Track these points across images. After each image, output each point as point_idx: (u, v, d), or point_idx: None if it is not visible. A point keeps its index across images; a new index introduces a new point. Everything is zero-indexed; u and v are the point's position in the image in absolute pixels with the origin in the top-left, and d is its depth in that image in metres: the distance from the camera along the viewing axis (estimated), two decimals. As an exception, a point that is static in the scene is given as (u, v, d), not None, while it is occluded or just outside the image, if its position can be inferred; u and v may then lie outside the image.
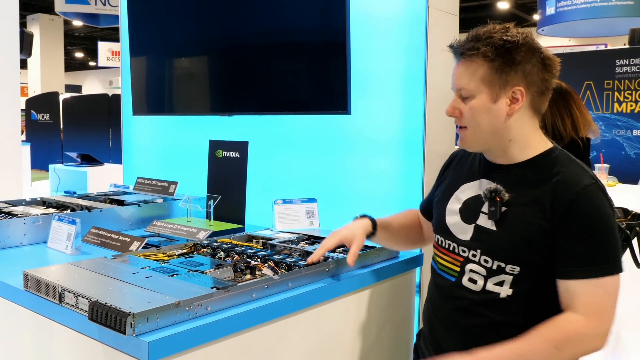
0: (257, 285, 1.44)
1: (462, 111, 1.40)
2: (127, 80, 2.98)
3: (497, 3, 15.90)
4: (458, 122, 1.43)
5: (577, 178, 1.33)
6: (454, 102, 1.41)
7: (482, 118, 1.37)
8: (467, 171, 1.52)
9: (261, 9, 2.31)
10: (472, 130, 1.40)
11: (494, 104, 1.36)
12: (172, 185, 2.64)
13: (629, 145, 8.65)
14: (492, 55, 1.33)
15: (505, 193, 1.38)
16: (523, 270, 1.35)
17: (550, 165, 1.37)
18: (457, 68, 1.40)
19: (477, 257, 1.41)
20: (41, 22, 18.13)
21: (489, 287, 1.39)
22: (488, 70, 1.34)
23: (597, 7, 10.74)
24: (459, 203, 1.49)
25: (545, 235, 1.32)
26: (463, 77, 1.38)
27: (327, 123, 2.28)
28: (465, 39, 1.38)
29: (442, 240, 1.52)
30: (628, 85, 8.58)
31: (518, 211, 1.36)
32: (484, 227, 1.41)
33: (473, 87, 1.36)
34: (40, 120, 15.59)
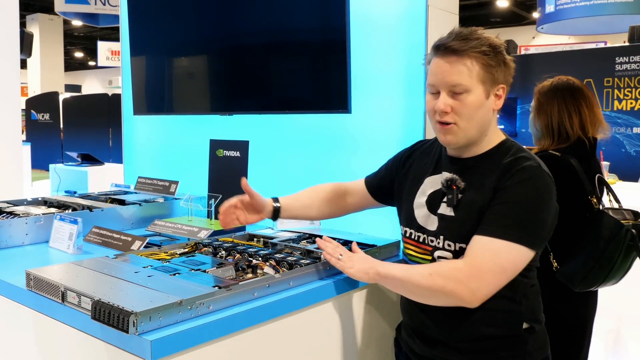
0: (258, 284, 1.45)
1: (453, 107, 1.44)
2: (127, 80, 2.98)
3: (497, 1, 15.89)
4: (447, 118, 1.45)
5: (522, 159, 1.44)
6: (446, 100, 1.44)
7: (476, 113, 1.44)
8: (430, 165, 1.61)
9: (261, 8, 2.31)
10: (464, 125, 1.45)
11: (486, 100, 1.45)
12: (173, 184, 2.64)
13: (629, 142, 8.65)
14: (489, 53, 1.41)
15: (461, 182, 1.48)
16: None
17: (501, 153, 1.48)
18: (448, 65, 1.42)
19: (441, 244, 1.51)
20: (41, 22, 18.13)
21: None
22: (483, 67, 1.42)
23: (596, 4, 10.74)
24: (425, 196, 1.57)
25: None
26: (457, 74, 1.41)
27: (328, 122, 2.29)
28: (455, 37, 1.42)
29: (411, 232, 1.60)
30: (628, 83, 8.58)
31: (470, 196, 1.47)
32: (444, 214, 1.51)
33: (469, 83, 1.41)
34: (40, 120, 15.59)
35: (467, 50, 1.40)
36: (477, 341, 1.47)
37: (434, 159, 1.61)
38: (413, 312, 1.58)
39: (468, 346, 1.48)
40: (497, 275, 1.37)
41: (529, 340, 1.48)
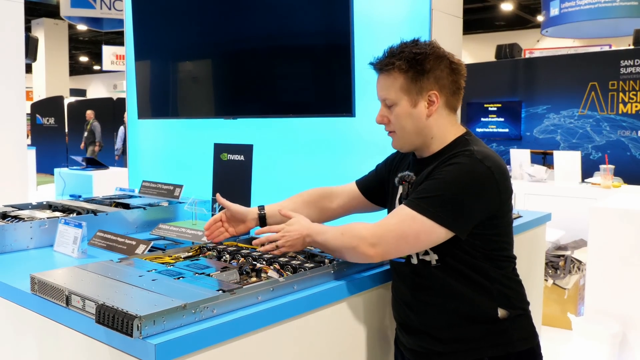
0: (262, 288, 1.44)
1: (389, 118, 1.59)
2: (132, 84, 2.99)
3: (501, 4, 15.89)
4: (387, 127, 1.62)
5: (464, 151, 1.51)
6: (382, 111, 1.61)
7: (406, 122, 1.57)
8: (404, 167, 1.72)
9: (265, 13, 2.32)
10: (399, 133, 1.60)
11: (414, 109, 1.56)
12: (178, 188, 2.65)
13: (634, 146, 8.62)
14: (405, 67, 1.53)
15: (412, 176, 1.61)
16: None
17: (452, 148, 1.57)
18: (378, 81, 1.60)
19: None
20: (46, 26, 18.23)
21: (421, 257, 1.57)
22: (404, 80, 1.54)
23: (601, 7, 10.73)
24: (398, 193, 1.69)
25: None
26: (384, 89, 1.58)
27: (332, 125, 2.29)
28: (383, 56, 1.58)
29: None
30: (633, 86, 8.55)
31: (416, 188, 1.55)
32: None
33: (394, 96, 1.56)
34: (45, 124, 15.67)
35: (387, 67, 1.55)
36: (456, 328, 1.54)
37: (408, 162, 1.72)
38: (397, 305, 1.67)
39: (449, 335, 1.55)
40: (398, 239, 1.49)
41: (509, 329, 1.53)
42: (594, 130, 9.04)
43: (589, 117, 9.03)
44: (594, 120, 8.98)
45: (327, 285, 1.59)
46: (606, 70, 8.78)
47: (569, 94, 9.27)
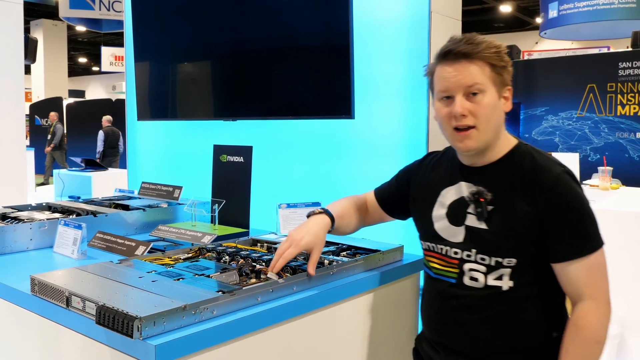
0: (262, 289, 1.45)
1: (471, 110, 1.43)
2: (131, 86, 2.99)
3: (500, 6, 15.91)
4: (464, 122, 1.44)
5: (548, 167, 1.44)
6: (463, 102, 1.43)
7: (492, 114, 1.45)
8: (444, 177, 1.59)
9: (265, 14, 2.32)
10: (483, 128, 1.45)
11: (498, 101, 1.46)
12: (177, 189, 2.65)
13: (632, 148, 8.64)
14: (493, 56, 1.44)
15: (487, 193, 1.47)
16: (519, 260, 1.44)
17: (521, 159, 1.48)
18: (461, 68, 1.43)
19: (472, 257, 1.49)
20: (45, 27, 18.23)
21: (490, 282, 1.46)
22: (492, 69, 1.44)
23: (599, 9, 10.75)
24: (444, 208, 1.56)
25: (533, 223, 1.41)
26: (471, 75, 1.42)
27: (331, 127, 2.29)
28: (463, 42, 1.44)
29: (433, 246, 1.59)
30: (631, 88, 8.57)
31: (504, 207, 1.45)
32: (474, 227, 1.49)
33: (486, 82, 1.43)
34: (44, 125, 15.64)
35: (477, 52, 1.42)
36: (505, 354, 1.47)
37: (448, 169, 1.60)
38: (438, 324, 1.57)
39: (498, 358, 1.48)
40: (607, 278, 1.43)
41: (554, 349, 1.46)
42: (592, 132, 9.06)
43: (588, 119, 9.04)
44: (592, 122, 9.00)
45: (326, 286, 1.59)
46: (604, 72, 8.79)
47: (568, 96, 9.28)
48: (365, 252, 1.87)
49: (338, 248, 1.92)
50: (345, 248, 1.93)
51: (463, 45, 1.43)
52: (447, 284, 1.53)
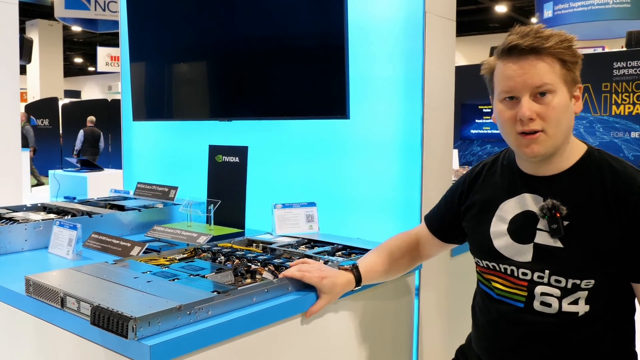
0: (257, 289, 1.45)
1: (538, 112, 1.28)
2: (127, 86, 2.99)
3: (495, 6, 15.94)
4: (532, 126, 1.29)
5: (632, 177, 1.28)
6: (530, 105, 1.28)
7: (563, 117, 1.29)
8: (501, 188, 1.44)
9: (260, 15, 2.33)
10: (553, 131, 1.29)
11: (570, 101, 1.31)
12: (172, 190, 2.65)
13: (627, 147, 8.67)
14: (563, 52, 1.28)
15: (562, 207, 1.31)
16: (598, 282, 1.29)
17: (597, 167, 1.32)
18: (528, 66, 1.28)
19: (545, 279, 1.34)
20: (40, 27, 18.18)
21: (565, 308, 1.32)
22: (561, 67, 1.29)
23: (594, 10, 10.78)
24: (505, 223, 1.41)
25: (616, 240, 1.27)
26: (539, 74, 1.27)
27: (326, 127, 2.30)
28: (531, 36, 1.28)
29: (494, 265, 1.43)
30: (626, 88, 8.60)
31: (582, 222, 1.30)
32: (546, 245, 1.33)
33: (557, 82, 1.28)
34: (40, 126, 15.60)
35: (547, 47, 1.26)
36: None
37: (506, 179, 1.44)
38: (501, 351, 1.44)
39: None
40: None
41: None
42: (587, 131, 9.08)
43: (583, 118, 9.07)
44: (587, 122, 9.03)
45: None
46: (599, 72, 8.82)
47: (563, 96, 9.28)
48: (361, 251, 1.88)
49: (333, 248, 1.93)
50: (341, 248, 1.94)
51: (531, 39, 1.27)
52: (514, 307, 1.38)
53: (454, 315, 2.24)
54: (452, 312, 2.23)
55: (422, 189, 2.01)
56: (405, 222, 2.07)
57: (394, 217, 2.12)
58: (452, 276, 2.23)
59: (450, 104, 2.16)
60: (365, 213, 2.20)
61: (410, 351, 1.98)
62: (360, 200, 2.21)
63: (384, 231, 2.11)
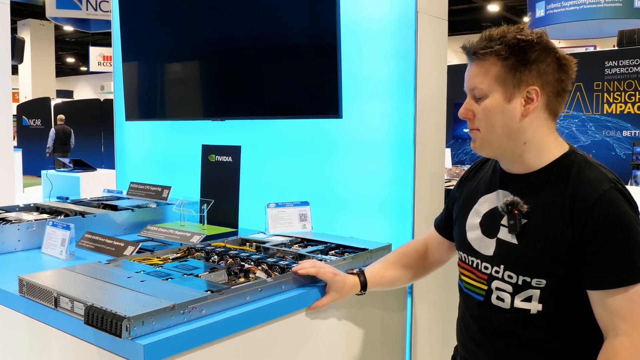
0: (250, 288, 1.46)
1: (475, 112, 1.36)
2: (119, 85, 2.99)
3: (487, 6, 15.99)
4: (470, 124, 1.38)
5: (595, 183, 1.28)
6: (467, 104, 1.37)
7: (496, 119, 1.33)
8: (484, 183, 1.48)
9: (253, 14, 2.33)
10: (485, 132, 1.35)
11: (508, 104, 1.32)
12: (166, 190, 2.65)
13: (618, 145, 8.73)
14: (505, 53, 1.30)
15: (523, 205, 1.33)
16: (549, 282, 1.31)
17: (566, 170, 1.32)
18: (470, 69, 1.37)
19: (500, 274, 1.37)
20: (32, 27, 18.10)
21: (518, 304, 1.34)
22: (501, 69, 1.31)
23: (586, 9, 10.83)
24: (479, 217, 1.45)
25: (568, 245, 1.27)
26: (476, 77, 1.34)
27: (319, 127, 2.30)
28: (479, 40, 1.35)
29: (465, 257, 1.48)
30: (617, 87, 8.65)
31: (538, 222, 1.32)
32: (505, 240, 1.37)
33: (486, 86, 1.33)
34: (32, 126, 15.53)
35: (483, 51, 1.32)
36: None
37: (488, 175, 1.48)
38: (467, 342, 1.48)
39: None
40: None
41: None
42: (579, 130, 9.13)
43: (575, 117, 9.12)
44: (579, 121, 9.08)
45: (315, 285, 1.60)
46: (591, 71, 8.87)
47: (555, 95, 9.33)
48: (354, 250, 1.89)
49: (326, 247, 1.93)
50: (334, 247, 1.95)
51: (478, 42, 1.34)
52: (476, 302, 1.43)
53: (447, 318, 2.25)
54: (445, 314, 2.24)
55: (415, 188, 2.02)
56: (398, 221, 2.08)
57: (386, 216, 2.13)
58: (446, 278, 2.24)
59: (443, 102, 2.17)
60: (358, 212, 2.20)
61: (403, 348, 1.99)
62: (353, 199, 2.22)
63: (377, 230, 2.12)
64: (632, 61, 8.59)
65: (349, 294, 1.60)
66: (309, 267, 1.57)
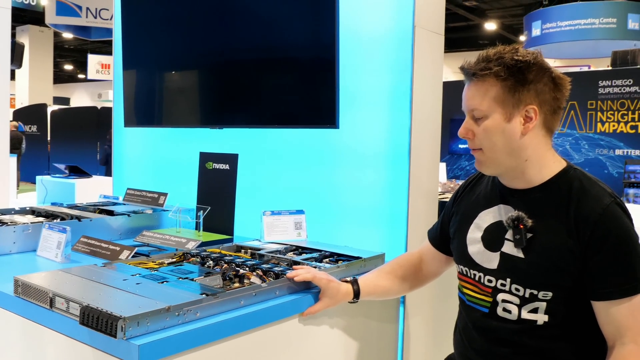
0: (245, 293, 1.47)
1: (475, 133, 1.40)
2: (119, 92, 3.01)
3: (485, 24, 16.15)
4: (471, 144, 1.42)
5: (597, 198, 1.33)
6: (467, 124, 1.41)
7: (497, 138, 1.37)
8: (483, 197, 1.52)
9: (253, 25, 2.36)
10: (488, 152, 1.40)
11: (507, 124, 1.36)
12: (162, 196, 2.66)
13: (611, 164, 8.79)
14: (504, 74, 1.34)
15: (528, 219, 1.38)
16: (556, 295, 1.35)
17: (568, 185, 1.37)
18: (468, 89, 1.41)
19: (507, 286, 1.40)
20: (31, 33, 18.12)
21: (525, 316, 1.38)
22: (500, 89, 1.36)
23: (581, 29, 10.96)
24: (480, 231, 1.48)
25: (574, 258, 1.32)
26: (475, 98, 1.38)
27: (316, 137, 2.33)
28: (476, 60, 1.39)
29: (466, 270, 1.51)
30: (610, 106, 8.74)
31: (544, 236, 1.36)
32: (510, 254, 1.40)
33: (486, 107, 1.37)
34: (28, 132, 15.50)
35: (482, 72, 1.36)
36: None
37: (487, 190, 1.52)
38: (472, 356, 1.49)
39: None
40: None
41: None
42: (573, 148, 9.20)
43: (569, 135, 9.19)
44: (573, 139, 9.16)
45: (309, 291, 1.61)
46: (585, 90, 8.96)
47: (549, 113, 9.42)
48: (348, 258, 1.90)
49: (321, 255, 1.95)
50: (328, 255, 1.96)
51: (475, 64, 1.38)
52: (481, 313, 1.46)
53: (439, 328, 2.26)
54: (437, 324, 2.25)
55: (409, 199, 2.04)
56: (391, 231, 2.11)
57: (381, 226, 2.15)
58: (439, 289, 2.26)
59: (438, 115, 2.21)
60: (353, 221, 2.23)
61: (395, 354, 2.00)
62: (348, 209, 2.24)
63: (371, 239, 2.14)
64: (625, 81, 8.69)
65: (342, 301, 1.62)
66: (303, 273, 1.58)
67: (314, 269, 1.65)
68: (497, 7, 15.30)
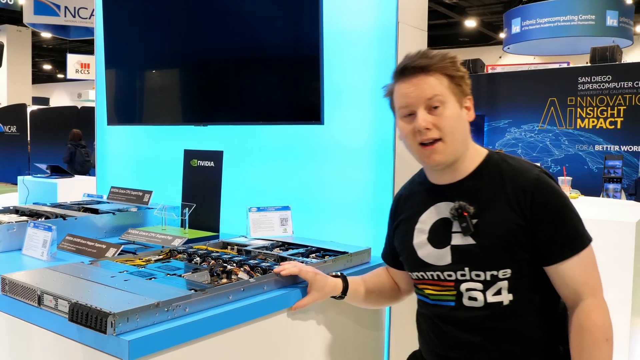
0: (233, 288, 1.48)
1: (435, 123, 1.41)
2: (101, 91, 2.99)
3: (465, 21, 16.28)
4: (430, 135, 1.41)
5: (527, 170, 1.43)
6: (424, 116, 1.41)
7: (457, 125, 1.43)
8: (418, 204, 1.56)
9: (236, 23, 2.37)
10: (449, 140, 1.42)
11: (461, 110, 1.45)
12: (147, 194, 2.65)
13: (591, 159, 8.93)
14: (450, 68, 1.44)
15: (469, 206, 1.43)
16: (514, 270, 1.40)
17: (497, 167, 1.46)
18: (414, 83, 1.42)
19: (467, 275, 1.44)
20: (8, 33, 17.87)
21: (490, 299, 1.42)
22: (449, 81, 1.44)
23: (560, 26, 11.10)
24: (425, 233, 1.51)
25: (522, 229, 1.39)
26: (430, 88, 1.41)
27: (301, 133, 2.34)
28: (422, 57, 1.43)
29: (422, 275, 1.53)
30: (590, 102, 8.87)
31: (489, 217, 1.41)
32: (461, 244, 1.44)
33: (446, 94, 1.42)
34: (7, 133, 15.28)
35: (433, 65, 1.42)
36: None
37: (421, 194, 1.56)
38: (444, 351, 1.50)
39: None
40: (600, 279, 1.41)
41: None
42: (553, 144, 9.33)
43: (549, 131, 9.31)
44: (553, 135, 9.28)
45: (296, 286, 1.63)
46: (565, 87, 9.09)
47: (530, 109, 9.56)
48: (334, 253, 1.92)
49: (307, 250, 1.96)
50: (315, 250, 1.98)
51: (418, 59, 1.43)
52: (448, 308, 1.48)
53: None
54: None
55: (394, 194, 2.06)
56: (376, 226, 2.13)
57: (366, 221, 2.17)
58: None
59: (422, 111, 2.22)
60: (338, 217, 2.24)
61: (381, 347, 2.02)
62: (334, 204, 2.26)
63: (357, 235, 2.16)
64: (604, 77, 8.83)
65: (330, 294, 1.63)
66: (290, 267, 1.60)
67: (300, 263, 1.67)
68: (477, 5, 15.43)
